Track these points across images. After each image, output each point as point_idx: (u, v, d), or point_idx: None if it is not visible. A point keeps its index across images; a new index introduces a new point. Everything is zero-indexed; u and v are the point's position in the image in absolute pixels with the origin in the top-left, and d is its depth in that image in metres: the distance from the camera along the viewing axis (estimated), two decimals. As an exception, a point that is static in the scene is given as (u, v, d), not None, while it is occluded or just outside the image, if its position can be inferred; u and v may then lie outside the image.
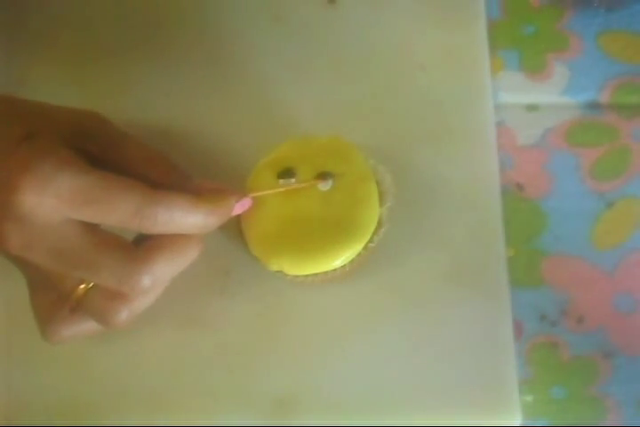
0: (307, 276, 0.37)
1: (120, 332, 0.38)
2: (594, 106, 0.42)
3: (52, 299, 0.33)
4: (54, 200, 0.28)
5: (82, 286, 0.31)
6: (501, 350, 0.38)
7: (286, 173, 0.36)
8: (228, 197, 0.32)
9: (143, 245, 0.31)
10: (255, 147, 0.37)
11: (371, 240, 0.36)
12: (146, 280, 0.30)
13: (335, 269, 0.36)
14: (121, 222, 0.29)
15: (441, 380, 0.38)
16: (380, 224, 0.37)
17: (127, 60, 0.42)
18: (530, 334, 0.39)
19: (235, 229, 0.38)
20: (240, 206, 0.34)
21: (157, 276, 0.30)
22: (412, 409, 0.37)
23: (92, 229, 0.30)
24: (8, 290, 0.38)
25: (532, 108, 0.42)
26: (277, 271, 0.36)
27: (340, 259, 0.36)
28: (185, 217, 0.30)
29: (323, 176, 0.36)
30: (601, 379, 0.39)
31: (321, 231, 0.36)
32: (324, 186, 0.36)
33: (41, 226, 0.29)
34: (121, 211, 0.29)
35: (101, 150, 0.32)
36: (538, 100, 0.42)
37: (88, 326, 0.33)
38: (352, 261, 0.36)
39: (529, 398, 0.38)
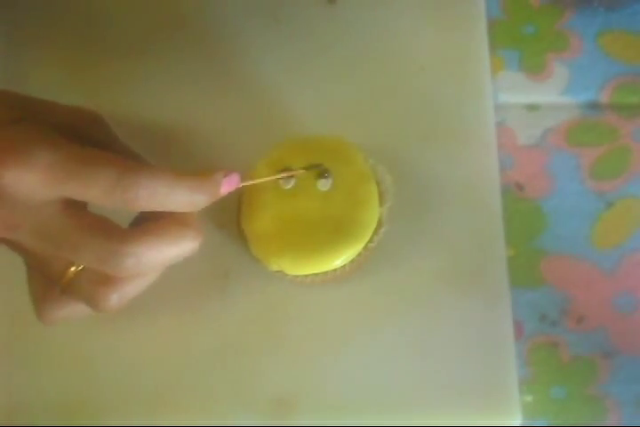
0: (307, 276, 0.37)
1: (120, 333, 0.38)
2: (594, 106, 0.42)
3: (46, 279, 0.32)
4: (34, 175, 0.28)
5: (72, 269, 0.31)
6: (501, 350, 0.38)
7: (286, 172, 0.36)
8: (214, 172, 0.31)
9: (132, 229, 0.31)
10: (255, 147, 0.37)
11: (371, 240, 0.36)
12: (129, 261, 0.29)
13: (335, 269, 0.36)
14: (104, 196, 0.29)
15: (441, 380, 0.38)
16: (379, 224, 0.37)
17: (126, 59, 0.42)
18: (530, 334, 0.39)
19: (235, 229, 0.38)
20: (228, 183, 0.32)
21: (143, 259, 0.30)
22: (412, 409, 0.37)
23: (76, 210, 0.30)
24: (8, 290, 0.38)
25: (531, 108, 0.42)
26: (277, 271, 0.36)
27: (340, 259, 0.36)
28: (169, 191, 0.29)
29: (319, 170, 0.36)
30: (601, 379, 0.38)
31: (321, 231, 0.36)
32: (324, 185, 0.36)
33: (23, 204, 0.29)
34: (101, 182, 0.28)
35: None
36: (538, 100, 0.42)
37: (80, 307, 0.33)
38: (352, 261, 0.36)
39: (529, 398, 0.38)
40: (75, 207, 0.30)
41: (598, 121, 0.42)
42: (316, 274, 0.36)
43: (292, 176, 0.36)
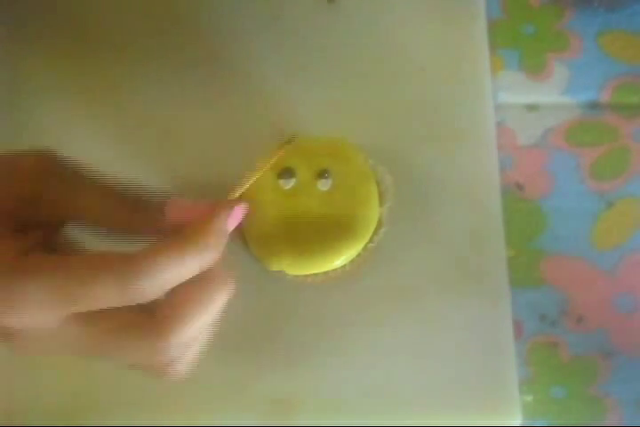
0: (307, 276, 0.37)
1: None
2: (594, 106, 0.42)
3: None
4: (37, 313, 0.26)
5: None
6: (501, 350, 0.38)
7: (286, 172, 0.36)
8: (212, 220, 0.29)
9: (163, 308, 0.28)
10: (255, 147, 0.37)
11: (371, 240, 0.36)
12: (173, 350, 0.27)
13: (335, 269, 0.36)
14: (117, 302, 0.26)
15: (441, 380, 0.38)
16: (380, 224, 0.37)
17: (125, 58, 0.42)
18: (530, 334, 0.39)
19: (235, 229, 0.38)
20: (234, 219, 0.30)
21: (186, 338, 0.28)
22: (412, 409, 0.37)
23: (96, 317, 0.27)
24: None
25: (531, 108, 0.42)
26: (277, 271, 0.36)
27: (340, 259, 0.36)
28: (177, 269, 0.27)
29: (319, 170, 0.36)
30: (601, 379, 0.39)
31: (321, 231, 0.36)
32: (324, 185, 0.36)
33: (41, 331, 0.26)
34: (104, 296, 0.26)
35: (50, 212, 0.29)
36: (538, 100, 0.42)
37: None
38: (352, 261, 0.36)
39: (529, 398, 0.38)
40: (95, 314, 0.27)
41: (598, 121, 0.42)
42: (316, 274, 0.36)
43: (292, 177, 0.36)
